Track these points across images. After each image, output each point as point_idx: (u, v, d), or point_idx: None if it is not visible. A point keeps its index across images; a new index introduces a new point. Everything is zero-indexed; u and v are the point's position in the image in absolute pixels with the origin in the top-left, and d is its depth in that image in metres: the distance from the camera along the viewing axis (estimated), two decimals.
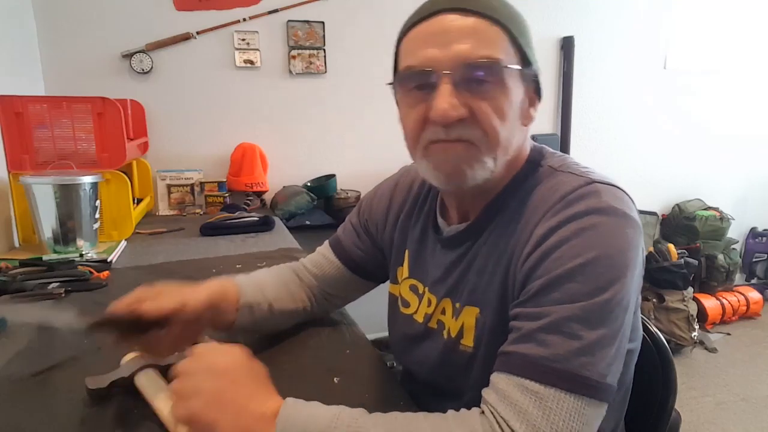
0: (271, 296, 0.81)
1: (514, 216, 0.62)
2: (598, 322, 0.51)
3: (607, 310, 0.51)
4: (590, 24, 2.81)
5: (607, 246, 0.52)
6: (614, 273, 0.52)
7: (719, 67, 3.13)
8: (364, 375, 0.74)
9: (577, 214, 0.54)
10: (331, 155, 2.45)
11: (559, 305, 0.51)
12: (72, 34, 2.04)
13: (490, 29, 0.57)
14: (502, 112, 0.58)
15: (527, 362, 0.51)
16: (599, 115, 2.94)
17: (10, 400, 0.66)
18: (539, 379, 0.49)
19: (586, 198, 0.55)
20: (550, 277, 0.53)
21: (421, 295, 0.75)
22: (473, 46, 0.56)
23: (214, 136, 2.28)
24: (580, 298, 0.51)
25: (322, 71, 2.37)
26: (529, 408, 0.48)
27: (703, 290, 3.07)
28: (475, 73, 0.56)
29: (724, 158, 3.28)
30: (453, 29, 0.56)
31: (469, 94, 0.57)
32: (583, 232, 0.53)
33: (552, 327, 0.51)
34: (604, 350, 0.51)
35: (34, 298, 1.04)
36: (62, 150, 1.50)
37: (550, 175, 0.62)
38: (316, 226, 2.18)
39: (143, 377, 0.65)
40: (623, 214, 0.54)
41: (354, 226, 0.88)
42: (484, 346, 0.63)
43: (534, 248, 0.56)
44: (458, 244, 0.68)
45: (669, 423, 0.79)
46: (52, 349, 0.81)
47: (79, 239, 1.37)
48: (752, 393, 2.29)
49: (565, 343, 0.50)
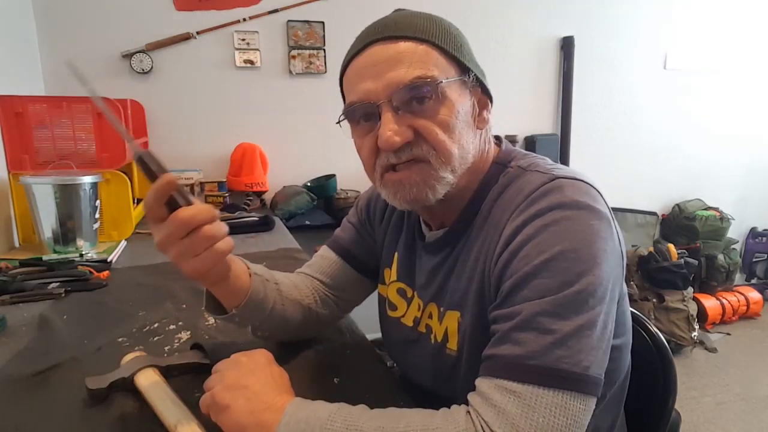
0: (278, 277, 0.77)
1: (486, 219, 0.63)
2: (570, 314, 0.50)
3: (579, 301, 0.51)
4: (590, 24, 2.81)
5: (572, 240, 0.52)
6: (582, 265, 0.51)
7: (719, 67, 3.13)
8: (364, 375, 0.74)
9: (540, 211, 0.55)
10: (331, 155, 2.45)
11: (528, 302, 0.51)
12: (72, 34, 2.04)
13: (418, 49, 0.59)
14: (446, 125, 0.59)
15: (505, 363, 0.51)
16: (599, 115, 2.94)
17: (10, 400, 0.66)
18: (517, 378, 0.49)
19: (549, 194, 0.56)
20: (519, 276, 0.53)
21: (410, 299, 0.75)
22: (404, 70, 0.57)
23: (214, 136, 2.28)
24: (548, 293, 0.51)
25: (322, 71, 2.37)
26: (508, 407, 0.48)
27: (703, 290, 3.07)
28: (411, 94, 0.58)
29: (724, 158, 3.28)
30: (382, 59, 0.59)
31: (411, 115, 0.59)
32: (546, 228, 0.53)
33: (524, 325, 0.51)
34: (581, 341, 0.50)
35: (34, 298, 1.04)
36: (62, 150, 1.50)
37: (518, 176, 0.62)
38: (316, 226, 2.19)
39: (143, 377, 0.65)
40: (587, 206, 0.54)
41: (353, 224, 0.87)
42: (467, 350, 0.63)
43: (503, 249, 0.57)
44: (439, 250, 0.69)
45: (669, 423, 0.79)
46: (52, 349, 0.81)
47: (79, 239, 1.37)
48: (752, 393, 2.29)
49: (539, 339, 0.50)
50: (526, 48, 2.74)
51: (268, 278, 0.74)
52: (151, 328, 0.90)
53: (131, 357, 0.69)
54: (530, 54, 2.76)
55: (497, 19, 2.64)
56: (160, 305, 1.00)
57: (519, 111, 2.77)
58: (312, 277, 0.84)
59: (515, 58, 2.71)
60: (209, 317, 0.94)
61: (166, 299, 1.04)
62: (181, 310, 0.99)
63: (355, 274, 0.84)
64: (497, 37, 2.62)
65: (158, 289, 1.10)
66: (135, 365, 0.67)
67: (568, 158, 2.84)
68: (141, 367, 0.66)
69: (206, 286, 0.67)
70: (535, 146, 2.72)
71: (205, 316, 0.95)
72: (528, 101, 2.80)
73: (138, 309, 0.99)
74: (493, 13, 2.61)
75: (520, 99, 2.78)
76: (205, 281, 0.63)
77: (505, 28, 2.65)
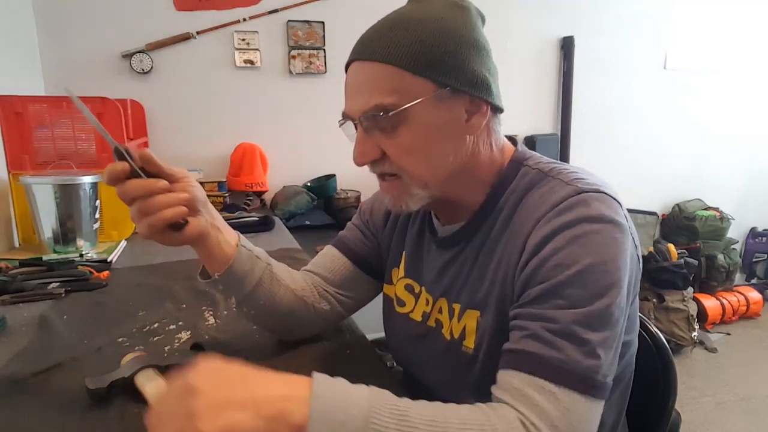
0: (273, 262, 0.78)
1: (507, 221, 0.64)
2: (600, 327, 0.53)
3: (608, 314, 0.54)
4: (590, 24, 2.81)
5: (601, 253, 0.55)
6: (609, 279, 0.54)
7: (719, 67, 3.13)
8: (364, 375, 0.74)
9: (568, 223, 0.56)
10: (331, 155, 2.45)
11: (562, 310, 0.54)
12: (72, 34, 2.04)
13: (381, 73, 0.60)
14: (409, 148, 0.62)
15: (540, 362, 0.52)
16: (599, 115, 2.94)
17: (10, 400, 0.66)
18: (556, 380, 0.51)
19: (576, 207, 0.57)
20: (551, 283, 0.55)
21: (417, 295, 0.76)
22: (365, 97, 0.61)
23: (214, 136, 2.28)
24: (582, 303, 0.53)
25: (322, 71, 2.37)
26: (548, 408, 0.50)
27: (703, 290, 3.07)
28: (371, 121, 0.61)
29: (724, 158, 3.29)
30: (354, 82, 0.64)
31: (380, 134, 0.62)
32: (576, 240, 0.55)
33: (561, 331, 0.53)
34: (607, 353, 0.53)
35: (34, 298, 1.04)
36: (62, 150, 1.50)
37: (541, 180, 0.64)
38: (316, 226, 2.18)
39: (143, 377, 0.65)
40: (611, 220, 0.57)
41: (357, 226, 0.88)
42: (485, 348, 0.64)
43: (530, 257, 0.58)
44: (452, 245, 0.71)
45: (669, 423, 0.79)
46: (52, 349, 0.81)
47: (79, 239, 1.37)
48: (752, 393, 2.29)
49: (575, 347, 0.52)
50: (526, 48, 2.74)
51: (260, 256, 0.75)
52: (151, 328, 0.90)
53: (131, 357, 0.69)
54: (530, 54, 2.76)
55: (497, 19, 2.64)
56: (160, 305, 1.00)
57: (519, 111, 2.77)
58: (312, 272, 0.84)
59: (515, 58, 2.71)
60: (209, 317, 0.95)
61: (166, 299, 1.04)
62: (181, 310, 0.99)
63: (358, 272, 0.84)
64: (497, 37, 2.60)
65: (158, 289, 1.10)
66: (135, 365, 0.67)
67: (568, 158, 2.84)
68: (141, 367, 0.66)
69: (195, 249, 0.70)
70: (535, 146, 2.72)
71: (206, 315, 0.95)
72: (528, 101, 2.80)
73: (138, 309, 0.99)
74: (493, 13, 2.60)
75: (520, 99, 2.78)
76: (159, 241, 0.65)
77: (505, 28, 2.65)
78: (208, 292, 1.07)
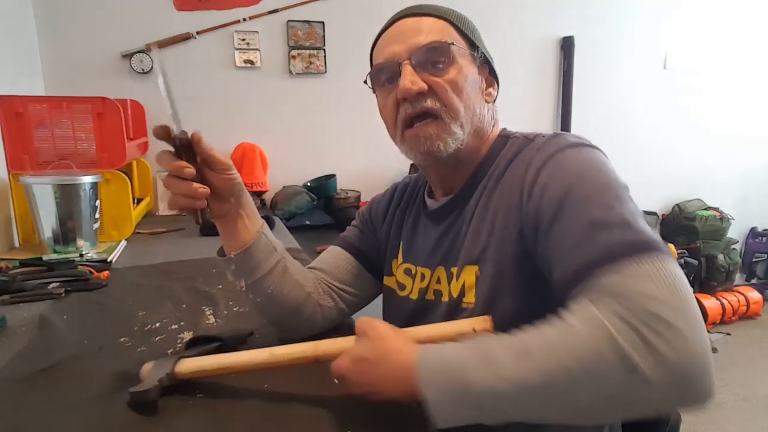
0: (288, 256, 0.80)
1: (498, 179, 0.70)
2: (617, 204, 0.56)
3: (618, 191, 0.58)
4: (590, 24, 2.82)
5: (589, 161, 0.62)
6: (605, 171, 0.60)
7: (719, 67, 3.13)
8: None
9: (554, 152, 0.64)
10: (331, 155, 2.45)
11: (576, 213, 0.56)
12: (72, 34, 2.04)
13: (437, 23, 0.71)
14: (456, 85, 0.69)
15: (587, 262, 0.52)
16: (599, 115, 2.94)
17: (10, 400, 0.66)
18: (608, 262, 0.50)
19: (556, 139, 0.66)
20: (558, 200, 0.58)
21: (413, 275, 0.79)
22: (425, 35, 0.69)
23: (214, 136, 2.26)
24: (590, 197, 0.57)
25: (322, 71, 2.37)
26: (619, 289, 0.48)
27: (703, 290, 3.07)
28: (427, 55, 0.68)
29: (724, 158, 3.29)
30: (407, 29, 0.71)
31: (427, 73, 0.69)
32: (565, 160, 0.62)
33: (586, 229, 0.54)
34: (639, 222, 0.54)
35: (34, 298, 1.04)
36: (62, 150, 1.50)
37: (528, 144, 0.70)
38: (316, 226, 2.18)
39: (185, 365, 0.65)
40: (589, 144, 0.66)
41: (357, 226, 0.92)
42: (484, 298, 0.67)
43: (530, 193, 0.63)
44: (445, 216, 0.76)
45: (669, 423, 0.79)
46: (52, 349, 0.81)
47: (79, 239, 1.37)
48: (752, 393, 2.29)
49: (608, 231, 0.53)
50: (526, 48, 2.74)
51: (277, 248, 0.78)
52: (152, 328, 0.90)
53: (149, 365, 0.67)
54: (530, 54, 2.76)
55: (497, 19, 2.64)
56: (160, 305, 1.00)
57: (519, 111, 2.77)
58: (317, 269, 0.86)
59: (515, 58, 2.71)
60: (210, 316, 0.95)
61: (166, 299, 1.04)
62: (181, 310, 0.99)
63: (360, 268, 0.87)
64: (497, 37, 2.62)
65: (158, 289, 1.10)
66: (166, 362, 0.65)
67: None
68: (175, 359, 0.65)
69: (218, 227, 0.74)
70: None
71: (206, 315, 0.95)
72: (528, 101, 2.80)
73: (138, 309, 0.98)
74: (493, 13, 2.61)
75: (520, 99, 2.78)
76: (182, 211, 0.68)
77: (506, 28, 2.65)
78: (208, 292, 1.07)
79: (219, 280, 1.15)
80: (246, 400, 0.65)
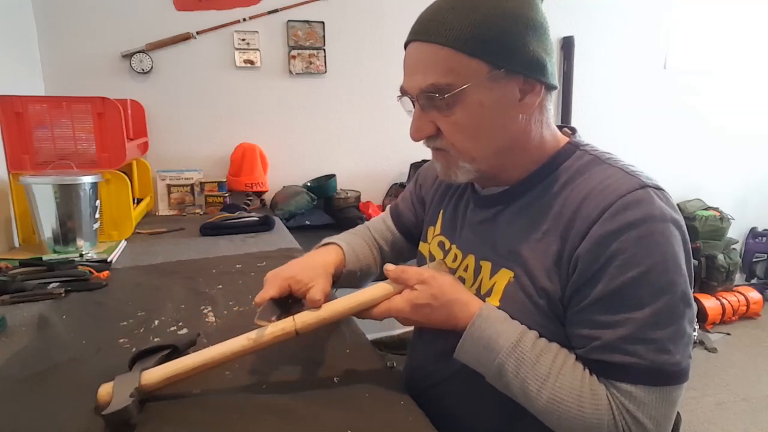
0: (363, 262, 0.91)
1: (556, 194, 0.67)
2: (667, 323, 0.58)
3: (672, 309, 0.58)
4: (590, 24, 2.81)
5: (663, 252, 0.58)
6: (671, 275, 0.58)
7: (719, 67, 3.13)
8: (364, 375, 0.74)
9: (635, 222, 0.58)
10: (331, 155, 2.45)
11: (630, 313, 0.58)
12: (72, 34, 2.03)
13: (439, 54, 0.62)
14: (461, 126, 0.65)
15: (617, 369, 0.59)
16: (599, 115, 2.94)
17: (10, 400, 0.66)
18: (631, 381, 0.58)
19: (642, 204, 0.60)
20: (616, 284, 0.58)
21: (447, 251, 0.81)
22: (423, 76, 0.64)
23: (214, 136, 2.28)
24: (646, 303, 0.57)
25: (322, 71, 2.37)
26: (629, 406, 0.58)
27: (703, 290, 3.07)
28: (428, 100, 0.65)
29: (724, 158, 3.28)
30: (412, 61, 0.67)
31: (436, 112, 0.66)
32: (641, 241, 0.58)
33: (630, 337, 0.58)
34: (677, 344, 0.58)
35: (34, 298, 1.04)
36: (62, 150, 1.50)
37: (597, 165, 0.66)
38: (316, 226, 2.18)
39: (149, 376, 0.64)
40: (672, 219, 0.60)
41: (410, 194, 0.98)
42: (506, 309, 0.67)
43: (594, 247, 0.60)
44: (491, 205, 0.75)
45: None
46: (51, 349, 0.81)
47: (79, 239, 1.37)
48: (752, 393, 2.29)
49: (646, 348, 0.58)
50: None
51: (356, 269, 0.89)
52: (151, 328, 0.90)
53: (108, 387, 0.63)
54: None
55: None
56: (160, 305, 1.00)
57: None
58: (378, 239, 0.99)
59: None
60: (210, 316, 0.95)
61: (166, 299, 1.04)
62: (180, 310, 0.99)
63: (404, 242, 0.98)
64: None
65: (158, 289, 1.10)
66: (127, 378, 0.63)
67: None
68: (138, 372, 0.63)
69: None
70: None
71: (206, 315, 0.95)
72: None
73: (138, 309, 0.98)
74: None
75: None
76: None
77: None
78: (208, 292, 1.07)
79: (219, 280, 1.15)
80: (236, 399, 0.65)
